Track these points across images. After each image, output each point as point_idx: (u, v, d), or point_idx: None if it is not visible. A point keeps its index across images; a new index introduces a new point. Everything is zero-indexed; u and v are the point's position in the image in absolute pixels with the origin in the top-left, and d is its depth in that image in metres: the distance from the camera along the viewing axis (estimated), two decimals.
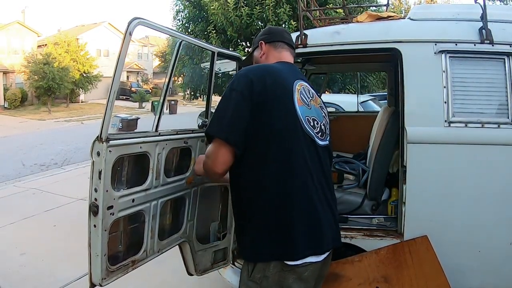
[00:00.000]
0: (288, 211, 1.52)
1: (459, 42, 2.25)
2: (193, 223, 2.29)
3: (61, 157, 10.54)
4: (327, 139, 1.70)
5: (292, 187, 1.53)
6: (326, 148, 1.69)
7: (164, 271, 3.54)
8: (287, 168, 1.53)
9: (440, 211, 2.24)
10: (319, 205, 1.57)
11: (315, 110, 1.68)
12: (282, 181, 1.52)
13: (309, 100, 1.67)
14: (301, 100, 1.62)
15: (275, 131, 1.53)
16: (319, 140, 1.63)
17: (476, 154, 2.21)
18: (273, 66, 1.69)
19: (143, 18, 1.65)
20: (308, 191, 1.55)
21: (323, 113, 1.74)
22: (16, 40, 28.50)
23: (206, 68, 6.30)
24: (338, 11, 7.14)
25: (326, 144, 1.69)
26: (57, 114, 24.29)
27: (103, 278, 1.69)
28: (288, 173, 1.53)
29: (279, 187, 1.52)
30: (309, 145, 1.59)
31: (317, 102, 1.74)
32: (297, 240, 1.50)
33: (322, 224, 1.57)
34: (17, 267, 3.86)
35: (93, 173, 1.63)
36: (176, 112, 23.04)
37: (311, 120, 1.63)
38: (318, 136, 1.63)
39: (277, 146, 1.53)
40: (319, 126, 1.66)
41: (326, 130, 1.72)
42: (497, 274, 2.26)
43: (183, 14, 10.13)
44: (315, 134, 1.62)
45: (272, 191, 1.53)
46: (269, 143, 1.52)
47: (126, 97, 29.34)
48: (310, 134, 1.60)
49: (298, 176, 1.54)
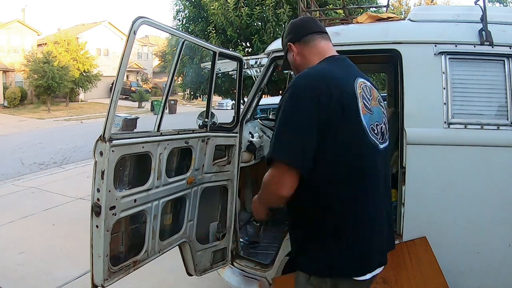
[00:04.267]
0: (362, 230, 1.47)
1: (459, 43, 2.25)
2: (193, 223, 2.29)
3: (60, 156, 10.53)
4: (387, 140, 1.58)
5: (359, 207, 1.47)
6: (385, 149, 1.56)
7: (163, 270, 3.54)
8: (355, 188, 1.44)
9: (439, 213, 2.25)
10: (378, 223, 1.51)
11: (376, 112, 1.53)
12: (349, 201, 1.45)
13: (370, 102, 1.50)
14: (365, 107, 1.45)
15: (343, 150, 1.41)
16: (380, 145, 1.51)
17: (476, 156, 2.21)
18: (329, 71, 1.47)
19: (147, 18, 1.65)
20: (372, 212, 1.50)
21: (382, 109, 1.58)
22: (16, 38, 28.46)
23: (206, 68, 6.30)
24: (338, 12, 7.15)
25: (386, 146, 1.56)
26: (57, 113, 24.26)
27: (105, 279, 1.69)
28: (356, 194, 1.45)
29: (349, 206, 1.45)
30: (374, 154, 1.48)
31: (375, 99, 1.55)
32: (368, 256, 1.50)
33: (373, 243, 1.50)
34: (15, 266, 3.86)
35: (96, 173, 1.63)
36: (176, 112, 23.02)
37: (375, 127, 1.49)
38: (379, 141, 1.51)
39: (345, 167, 1.42)
40: (379, 130, 1.52)
41: (386, 129, 1.58)
42: (496, 275, 2.26)
43: (183, 14, 10.13)
44: (378, 140, 1.50)
45: (342, 211, 1.45)
46: (338, 164, 1.41)
47: (126, 97, 29.31)
48: (374, 143, 1.47)
49: (366, 197, 1.46)
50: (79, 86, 27.96)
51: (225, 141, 2.49)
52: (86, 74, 27.78)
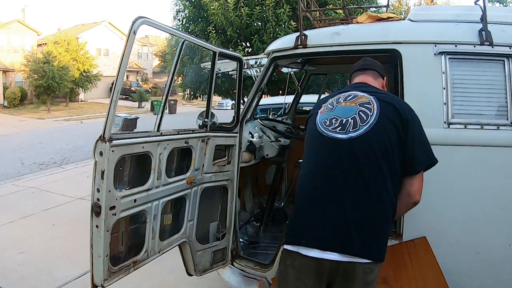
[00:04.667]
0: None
1: (458, 43, 2.25)
2: (193, 223, 2.29)
3: (60, 156, 10.53)
4: (352, 132, 1.69)
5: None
6: (354, 140, 1.68)
7: (163, 270, 3.54)
8: (302, 171, 1.84)
9: (439, 213, 2.25)
10: (318, 201, 1.70)
11: (342, 109, 1.79)
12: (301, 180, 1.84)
13: (339, 104, 1.81)
14: (325, 109, 1.84)
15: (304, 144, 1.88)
16: (335, 134, 1.72)
17: (475, 156, 2.21)
18: (319, 101, 2.06)
19: (147, 18, 1.65)
20: (313, 188, 1.74)
21: (360, 109, 1.75)
22: (16, 38, 28.45)
23: (206, 68, 6.30)
24: (338, 12, 7.15)
25: (353, 136, 1.68)
26: (57, 113, 24.26)
27: (105, 279, 1.69)
28: (301, 176, 1.84)
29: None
30: (324, 143, 1.74)
31: (357, 102, 1.79)
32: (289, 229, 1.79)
33: (314, 220, 1.68)
34: (15, 266, 3.87)
35: (96, 173, 1.63)
36: (176, 112, 23.02)
37: (328, 120, 1.77)
38: (334, 131, 1.73)
39: (305, 154, 1.86)
40: (338, 122, 1.74)
41: (356, 122, 1.71)
42: (496, 275, 2.26)
43: (183, 14, 10.13)
44: (331, 130, 1.73)
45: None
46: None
47: (126, 97, 29.30)
48: (323, 132, 1.75)
49: (305, 177, 1.81)
50: (79, 86, 27.94)
51: (225, 141, 2.49)
52: (86, 74, 27.76)
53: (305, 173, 1.80)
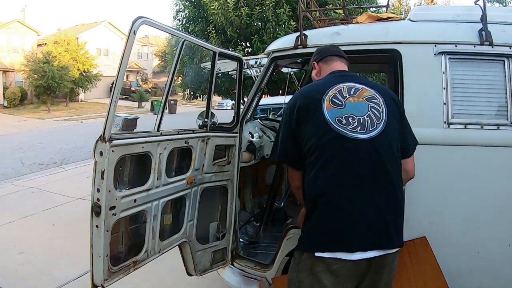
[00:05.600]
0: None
1: (458, 43, 2.25)
2: (193, 223, 2.29)
3: (60, 156, 10.53)
4: (373, 131, 1.70)
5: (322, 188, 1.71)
6: (374, 139, 1.69)
7: (163, 270, 3.54)
8: (319, 172, 1.71)
9: (439, 212, 2.25)
10: (348, 203, 1.66)
11: (353, 106, 1.75)
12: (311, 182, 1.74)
13: (346, 99, 1.76)
14: (332, 104, 1.75)
15: (313, 144, 1.73)
16: (357, 134, 1.69)
17: (475, 156, 2.21)
18: (307, 87, 1.96)
19: (147, 18, 1.65)
20: (341, 190, 1.68)
21: (370, 104, 1.76)
22: (16, 38, 28.46)
23: (206, 68, 6.29)
24: (338, 12, 7.15)
25: (373, 136, 1.70)
26: (57, 113, 24.26)
27: (105, 279, 1.69)
28: (318, 175, 1.71)
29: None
30: (343, 143, 1.68)
31: (362, 96, 1.78)
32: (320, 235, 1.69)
33: (352, 224, 1.64)
34: (15, 266, 3.87)
35: (96, 173, 1.63)
36: (176, 112, 23.02)
37: (344, 118, 1.71)
38: (355, 131, 1.69)
39: (313, 153, 1.72)
40: (356, 121, 1.71)
41: (373, 120, 1.73)
42: (496, 275, 2.26)
43: (183, 14, 10.12)
44: (351, 130, 1.69)
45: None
46: (310, 152, 1.74)
47: (126, 97, 29.30)
48: (343, 132, 1.69)
49: (325, 177, 1.70)
50: (79, 86, 27.94)
51: (225, 141, 2.49)
52: (86, 74, 27.76)
53: (327, 175, 1.70)
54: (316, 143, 1.71)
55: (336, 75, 1.91)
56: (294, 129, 1.80)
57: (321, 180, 1.70)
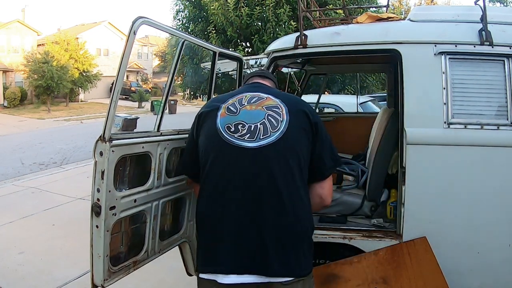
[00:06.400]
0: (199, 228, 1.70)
1: (458, 43, 2.26)
2: (193, 223, 2.29)
3: (60, 156, 10.53)
4: (263, 140, 1.55)
5: (201, 203, 1.66)
6: (264, 149, 1.55)
7: (163, 270, 3.54)
8: (203, 185, 1.64)
9: (439, 213, 2.25)
10: (223, 221, 1.55)
11: (247, 113, 1.62)
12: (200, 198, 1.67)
13: (242, 107, 1.65)
14: (226, 112, 1.65)
15: (202, 153, 1.66)
16: (244, 143, 1.55)
17: (475, 156, 2.21)
18: (215, 97, 1.91)
19: (147, 18, 1.65)
20: (217, 207, 1.58)
21: (268, 113, 1.61)
22: (16, 38, 28.46)
23: (206, 68, 6.29)
24: (338, 12, 7.15)
25: (263, 144, 1.55)
26: (57, 113, 24.26)
27: (105, 279, 1.69)
28: (202, 190, 1.64)
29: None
30: (228, 152, 1.57)
31: (263, 105, 1.64)
32: (201, 256, 1.64)
33: (225, 244, 1.53)
34: (15, 266, 3.86)
35: (96, 173, 1.63)
36: (176, 112, 23.02)
37: (233, 126, 1.59)
38: (242, 139, 1.56)
39: (203, 164, 1.65)
40: (246, 128, 1.58)
41: (266, 129, 1.57)
42: (496, 275, 2.26)
43: (183, 14, 10.14)
44: (238, 138, 1.56)
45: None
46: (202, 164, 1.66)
47: (126, 97, 29.30)
48: (228, 140, 1.57)
49: (207, 192, 1.62)
50: (79, 86, 27.93)
51: None
52: (86, 74, 27.75)
53: (207, 188, 1.60)
54: (204, 152, 1.63)
55: (247, 86, 1.85)
56: (195, 140, 1.73)
57: (202, 194, 1.63)
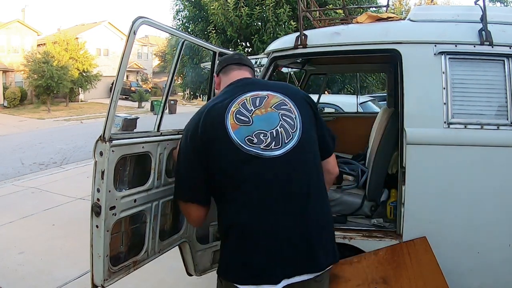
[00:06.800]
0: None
1: (458, 43, 2.26)
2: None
3: (60, 156, 10.53)
4: (288, 143, 1.53)
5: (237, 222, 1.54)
6: (291, 152, 1.53)
7: (163, 270, 3.54)
8: (233, 201, 1.54)
9: (439, 212, 2.25)
10: (267, 231, 1.50)
11: (262, 119, 1.56)
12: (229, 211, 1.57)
13: (252, 113, 1.56)
14: (237, 122, 1.54)
15: (226, 173, 1.53)
16: (272, 152, 1.51)
17: (475, 156, 2.21)
18: (206, 104, 1.69)
19: (147, 18, 1.65)
20: (257, 218, 1.51)
21: (280, 113, 1.58)
22: (16, 38, 28.47)
23: (206, 68, 6.30)
24: (338, 12, 7.16)
25: (289, 148, 1.53)
26: (57, 113, 24.26)
27: (105, 279, 1.69)
28: (237, 205, 1.53)
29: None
30: (258, 165, 1.50)
31: (270, 105, 1.60)
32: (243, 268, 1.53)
33: (272, 254, 1.49)
34: (15, 266, 3.86)
35: (96, 173, 1.63)
36: (176, 112, 23.02)
37: (254, 136, 1.52)
38: (269, 149, 1.51)
39: (230, 186, 1.54)
40: (269, 136, 1.52)
41: (287, 131, 1.55)
42: (496, 275, 2.26)
43: (183, 14, 10.16)
44: (263, 149, 1.51)
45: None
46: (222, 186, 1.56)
47: (126, 97, 29.30)
48: (255, 153, 1.50)
49: (247, 206, 1.52)
50: (79, 86, 27.93)
51: None
52: (86, 74, 27.75)
53: (242, 202, 1.52)
54: (227, 172, 1.52)
55: (236, 85, 1.71)
56: (200, 159, 1.56)
57: (234, 209, 1.53)
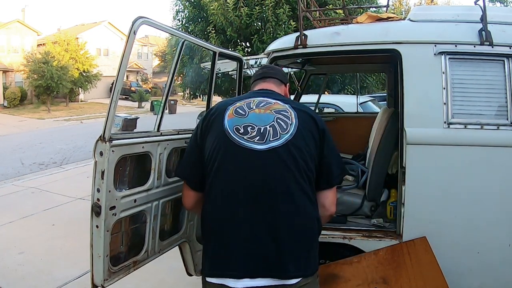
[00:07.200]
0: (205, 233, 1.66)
1: (458, 43, 2.26)
2: (193, 223, 2.29)
3: (60, 156, 10.53)
4: (273, 142, 1.53)
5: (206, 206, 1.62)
6: (274, 150, 1.53)
7: (163, 270, 3.54)
8: (210, 188, 1.59)
9: (439, 212, 2.25)
10: (234, 224, 1.52)
11: (256, 116, 1.60)
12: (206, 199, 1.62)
13: (251, 110, 1.62)
14: (234, 113, 1.62)
15: (209, 156, 1.60)
16: (254, 145, 1.53)
17: (475, 156, 2.21)
18: (220, 102, 1.82)
19: (147, 18, 1.65)
20: (226, 210, 1.54)
21: (276, 116, 1.60)
22: (16, 38, 28.45)
23: (206, 68, 6.30)
24: (338, 12, 7.16)
25: (274, 146, 1.53)
26: (57, 113, 24.25)
27: (105, 279, 1.69)
28: (209, 193, 1.59)
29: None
30: (235, 153, 1.54)
31: (271, 108, 1.63)
32: (209, 259, 1.59)
33: (238, 248, 1.50)
34: (15, 266, 3.86)
35: (96, 173, 1.63)
36: (176, 112, 23.02)
37: (242, 127, 1.56)
38: (251, 141, 1.53)
39: (209, 166, 1.59)
40: (256, 130, 1.55)
41: (276, 131, 1.56)
42: (496, 275, 2.26)
43: (183, 14, 10.16)
44: (247, 139, 1.54)
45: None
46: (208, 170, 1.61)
47: (126, 97, 29.29)
48: (237, 142, 1.54)
49: (215, 195, 1.57)
50: (79, 86, 27.92)
51: None
52: (86, 74, 27.75)
53: (216, 191, 1.56)
54: (210, 154, 1.58)
55: (255, 92, 1.82)
56: (198, 144, 1.67)
57: (210, 197, 1.58)
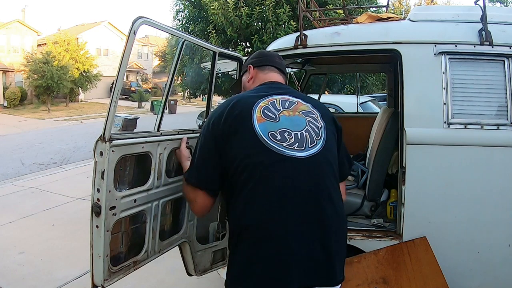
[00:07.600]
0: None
1: (458, 43, 2.26)
2: (193, 223, 2.29)
3: (60, 156, 10.53)
4: (312, 148, 1.51)
5: (247, 217, 1.47)
6: (314, 158, 1.50)
7: (162, 270, 3.54)
8: (248, 198, 1.46)
9: (439, 212, 2.25)
10: (286, 236, 1.43)
11: (289, 120, 1.55)
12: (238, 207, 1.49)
13: (279, 112, 1.55)
14: (263, 116, 1.52)
15: (239, 162, 1.47)
16: (295, 152, 1.47)
17: (475, 156, 2.21)
18: (233, 98, 1.64)
19: (147, 18, 1.65)
20: (276, 221, 1.43)
21: (307, 119, 1.58)
22: (16, 38, 28.46)
23: (206, 68, 6.30)
24: (338, 12, 7.16)
25: (313, 153, 1.50)
26: (57, 113, 24.25)
27: (105, 279, 1.69)
28: (251, 202, 1.46)
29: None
30: (279, 163, 1.46)
31: (298, 110, 1.60)
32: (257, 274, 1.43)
33: (283, 262, 1.41)
34: (15, 266, 3.87)
35: (96, 173, 1.63)
36: (176, 112, 23.03)
37: (278, 133, 1.49)
38: (292, 149, 1.48)
39: (244, 175, 1.47)
40: (293, 137, 1.50)
41: (312, 137, 1.53)
42: (496, 275, 2.26)
43: (183, 14, 10.17)
44: (287, 147, 1.47)
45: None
46: (236, 172, 1.48)
47: (126, 97, 29.29)
48: (278, 150, 1.46)
49: (259, 204, 1.44)
50: (79, 86, 27.93)
51: None
52: (86, 74, 27.75)
53: (260, 203, 1.44)
54: (243, 160, 1.46)
55: (269, 86, 1.72)
56: (218, 147, 1.53)
57: (252, 209, 1.45)
